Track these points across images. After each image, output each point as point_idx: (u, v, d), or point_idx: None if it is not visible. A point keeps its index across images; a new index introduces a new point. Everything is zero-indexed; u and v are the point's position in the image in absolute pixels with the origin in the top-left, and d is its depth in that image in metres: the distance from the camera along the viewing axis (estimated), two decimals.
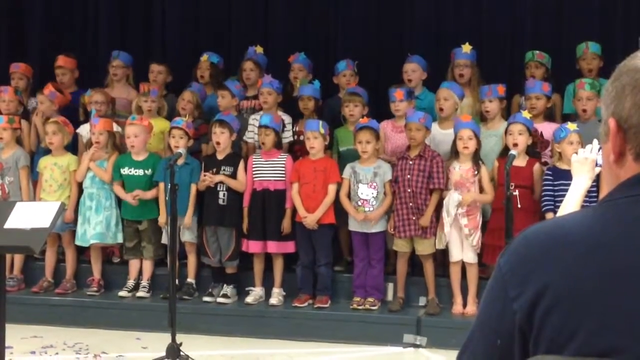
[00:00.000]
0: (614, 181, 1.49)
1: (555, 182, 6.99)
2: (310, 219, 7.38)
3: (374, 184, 7.38)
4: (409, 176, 7.28)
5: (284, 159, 7.63)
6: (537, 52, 8.17)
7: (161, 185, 7.77)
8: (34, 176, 8.23)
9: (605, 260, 1.39)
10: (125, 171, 7.90)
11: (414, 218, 7.25)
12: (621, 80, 1.48)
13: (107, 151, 7.97)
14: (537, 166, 7.19)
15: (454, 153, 7.26)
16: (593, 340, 1.36)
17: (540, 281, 1.41)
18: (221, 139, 7.62)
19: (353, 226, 7.45)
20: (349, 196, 7.44)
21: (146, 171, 7.87)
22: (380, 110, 8.07)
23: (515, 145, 7.00)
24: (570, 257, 1.41)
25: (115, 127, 8.24)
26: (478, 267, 7.26)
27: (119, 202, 8.00)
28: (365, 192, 7.40)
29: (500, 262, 1.49)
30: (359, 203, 7.41)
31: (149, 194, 7.83)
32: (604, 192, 1.54)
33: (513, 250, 1.48)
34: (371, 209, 7.36)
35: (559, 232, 1.46)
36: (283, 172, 7.59)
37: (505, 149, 7.12)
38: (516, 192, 6.35)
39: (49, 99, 8.50)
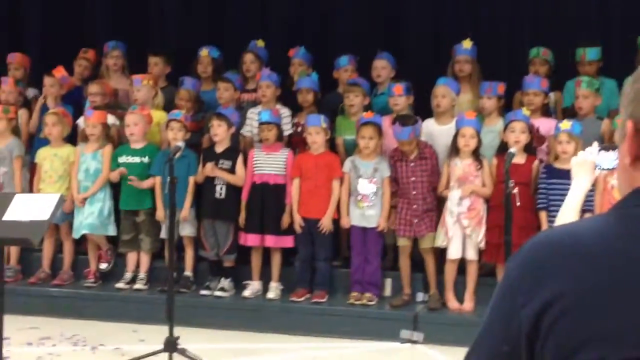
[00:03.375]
0: (629, 184, 1.47)
1: (549, 181, 7.06)
2: (325, 223, 7.45)
3: (374, 180, 7.44)
4: (413, 178, 7.36)
5: (285, 154, 7.68)
6: (542, 48, 8.23)
7: (158, 179, 7.80)
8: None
9: (618, 270, 1.37)
10: (122, 159, 7.94)
11: (416, 221, 7.32)
12: None
13: (101, 144, 8.00)
14: (536, 163, 7.26)
15: (454, 149, 7.31)
16: (602, 352, 1.33)
17: (550, 290, 1.39)
18: (218, 132, 7.65)
19: (352, 220, 7.51)
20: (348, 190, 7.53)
21: (143, 159, 7.91)
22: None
23: (517, 142, 7.06)
24: (582, 266, 1.39)
25: (113, 119, 8.27)
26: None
27: (115, 194, 8.02)
28: (365, 187, 7.45)
29: (509, 267, 1.47)
30: (359, 198, 7.47)
31: (145, 184, 7.84)
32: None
33: (523, 256, 1.45)
34: (370, 204, 7.42)
35: (571, 239, 1.43)
36: (284, 166, 7.64)
37: (503, 146, 7.19)
38: (515, 190, 6.39)
39: (60, 82, 8.54)
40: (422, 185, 7.35)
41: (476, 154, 7.28)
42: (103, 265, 8.10)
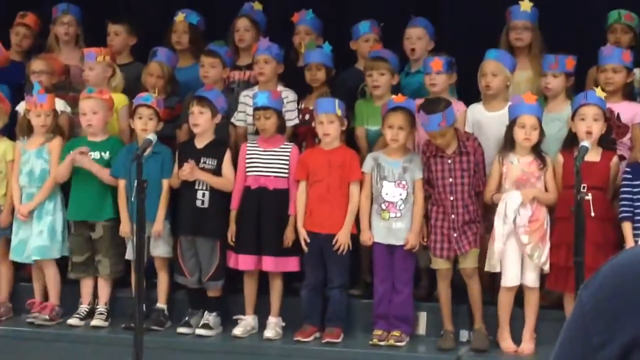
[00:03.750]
0: None
1: (635, 183, 7.07)
2: (341, 240, 7.43)
3: (403, 183, 7.43)
4: (450, 179, 7.34)
5: (289, 149, 7.68)
6: (625, 11, 8.22)
7: (121, 182, 7.76)
8: None
9: None
10: None
11: (455, 235, 7.30)
12: None
13: (47, 137, 7.97)
14: (615, 160, 7.23)
15: (509, 143, 7.28)
16: None
17: (636, 326, 1.40)
18: (200, 121, 7.65)
19: (375, 236, 7.49)
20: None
21: (103, 154, 7.91)
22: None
23: (589, 133, 7.02)
24: None
25: (62, 105, 8.27)
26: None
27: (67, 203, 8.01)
28: (392, 192, 7.44)
29: (581, 297, 1.48)
30: (383, 206, 7.45)
31: (105, 173, 7.80)
32: None
33: (600, 282, 1.47)
34: (399, 214, 7.41)
35: None
36: (286, 166, 7.65)
37: (571, 138, 7.18)
38: (589, 196, 6.37)
39: None
40: (463, 188, 7.34)
41: (537, 150, 7.26)
42: (43, 316, 7.88)
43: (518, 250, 7.20)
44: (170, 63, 8.46)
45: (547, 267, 7.17)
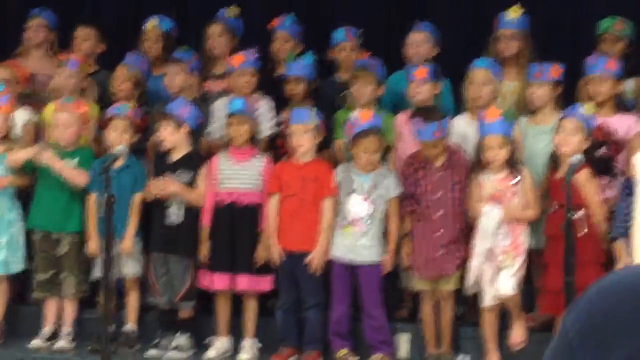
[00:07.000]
0: None
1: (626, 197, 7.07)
2: (316, 259, 7.47)
3: (372, 198, 7.45)
4: (440, 192, 7.37)
5: (261, 161, 7.74)
6: (617, 19, 8.19)
7: (92, 196, 7.80)
8: None
9: None
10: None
11: (440, 252, 7.33)
12: None
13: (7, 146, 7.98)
14: (584, 175, 7.11)
15: (479, 161, 7.32)
16: None
17: (624, 353, 1.38)
18: (165, 135, 7.72)
19: (336, 251, 7.54)
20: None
21: (72, 161, 7.92)
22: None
23: (566, 147, 7.05)
24: None
25: (28, 114, 8.31)
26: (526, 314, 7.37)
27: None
28: (359, 206, 7.48)
29: (565, 322, 1.46)
30: (348, 220, 7.50)
31: (72, 172, 7.80)
32: None
33: (584, 307, 1.45)
34: (364, 230, 7.44)
35: None
36: (259, 178, 7.71)
37: (554, 154, 7.26)
38: (578, 214, 6.35)
39: None
40: (453, 202, 7.38)
41: (511, 163, 7.27)
42: None
43: (493, 269, 7.18)
44: (140, 67, 8.45)
45: (518, 276, 7.16)
